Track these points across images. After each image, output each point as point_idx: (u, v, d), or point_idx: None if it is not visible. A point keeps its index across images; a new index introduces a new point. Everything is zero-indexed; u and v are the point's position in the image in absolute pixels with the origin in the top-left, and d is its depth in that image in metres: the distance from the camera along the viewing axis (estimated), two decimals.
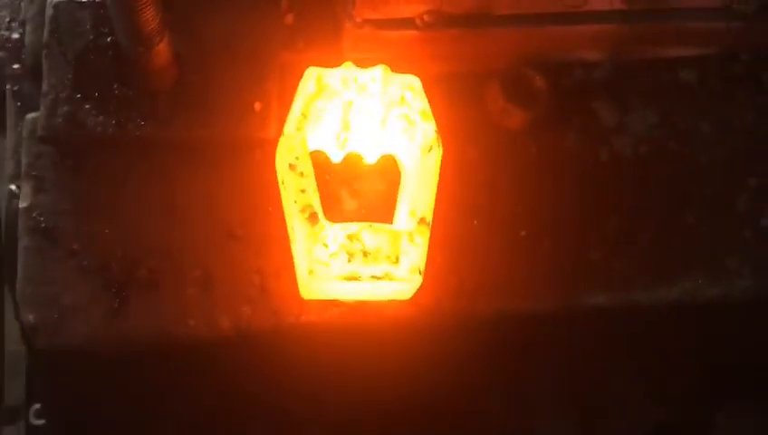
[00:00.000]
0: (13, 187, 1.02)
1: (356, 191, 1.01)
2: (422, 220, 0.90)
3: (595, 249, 1.04)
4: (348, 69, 0.94)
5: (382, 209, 0.99)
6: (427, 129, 0.93)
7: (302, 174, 0.90)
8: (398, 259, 0.88)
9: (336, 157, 0.98)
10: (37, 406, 1.19)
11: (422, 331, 0.98)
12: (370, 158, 0.98)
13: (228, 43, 1.00)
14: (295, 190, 0.90)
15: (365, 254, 0.88)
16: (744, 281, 1.05)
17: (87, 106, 0.97)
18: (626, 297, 1.03)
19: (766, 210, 1.08)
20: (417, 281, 0.89)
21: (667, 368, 1.18)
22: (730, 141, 1.10)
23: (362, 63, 0.96)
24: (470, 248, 1.01)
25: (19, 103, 1.10)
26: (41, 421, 1.19)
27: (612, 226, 1.05)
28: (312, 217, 0.88)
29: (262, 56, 1.01)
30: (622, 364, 1.15)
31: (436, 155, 0.93)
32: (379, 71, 0.94)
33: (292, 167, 0.90)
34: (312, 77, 0.93)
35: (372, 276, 0.88)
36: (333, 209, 0.98)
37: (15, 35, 1.19)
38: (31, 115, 0.99)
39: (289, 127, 0.92)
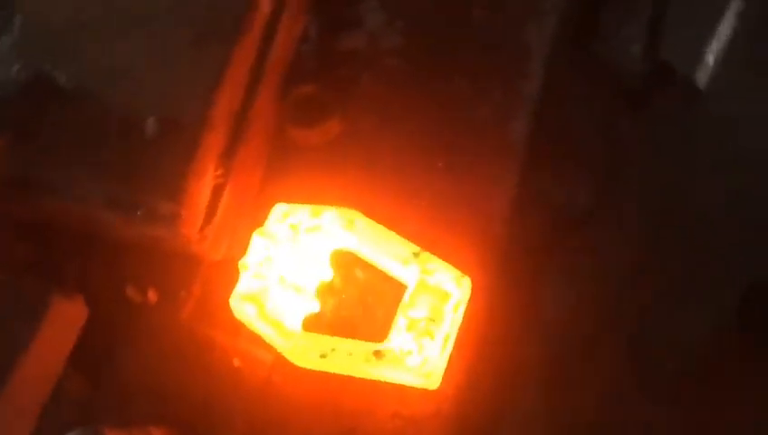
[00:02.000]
0: None
1: None
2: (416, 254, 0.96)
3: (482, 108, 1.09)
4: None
5: None
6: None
7: (331, 354, 0.95)
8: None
9: (317, 308, 1.01)
10: None
11: None
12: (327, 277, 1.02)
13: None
14: (344, 364, 0.95)
15: (428, 321, 0.93)
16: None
17: None
18: None
19: None
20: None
21: None
22: None
23: None
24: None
25: None
26: None
27: (464, 86, 1.10)
28: (378, 354, 0.93)
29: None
30: None
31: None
32: None
33: (322, 357, 0.94)
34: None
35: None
36: None
37: None
38: None
39: (280, 347, 0.96)
